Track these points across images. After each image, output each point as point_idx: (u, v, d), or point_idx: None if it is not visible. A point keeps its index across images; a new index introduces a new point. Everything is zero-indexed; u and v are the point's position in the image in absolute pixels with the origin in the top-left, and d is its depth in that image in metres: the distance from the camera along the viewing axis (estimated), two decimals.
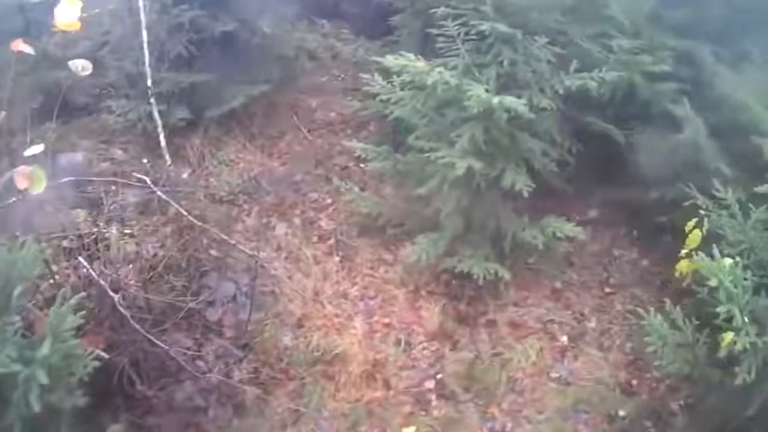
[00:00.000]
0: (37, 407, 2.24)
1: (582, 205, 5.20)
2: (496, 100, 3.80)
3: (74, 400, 2.64)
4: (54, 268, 3.63)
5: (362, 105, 5.39)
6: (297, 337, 4.31)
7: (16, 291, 2.36)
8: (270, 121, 5.82)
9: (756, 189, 3.73)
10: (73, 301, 2.59)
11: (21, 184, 2.83)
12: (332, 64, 6.25)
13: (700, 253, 3.29)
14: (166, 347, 3.66)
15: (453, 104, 4.31)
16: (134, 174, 4.76)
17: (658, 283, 4.70)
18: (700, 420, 3.77)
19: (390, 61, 4.20)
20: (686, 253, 3.42)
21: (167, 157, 5.15)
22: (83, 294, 2.77)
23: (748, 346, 2.98)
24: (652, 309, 3.62)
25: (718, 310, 3.08)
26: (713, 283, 3.16)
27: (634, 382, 4.22)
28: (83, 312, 2.65)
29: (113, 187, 4.76)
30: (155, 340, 3.60)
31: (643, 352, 4.02)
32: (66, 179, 4.50)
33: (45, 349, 2.30)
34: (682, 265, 3.45)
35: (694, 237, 3.44)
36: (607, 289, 4.78)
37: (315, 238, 4.98)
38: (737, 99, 4.18)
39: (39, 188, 2.87)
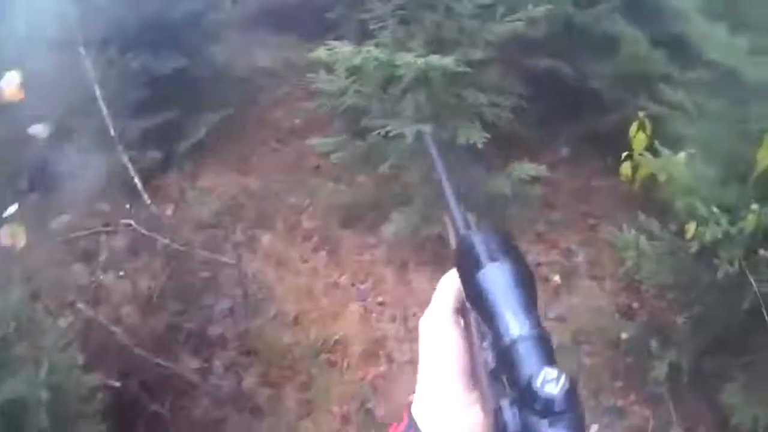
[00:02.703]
0: (45, 422, 2.42)
1: (552, 147, 5.25)
2: (421, 61, 3.89)
3: (96, 428, 2.85)
4: (61, 321, 3.77)
5: (319, 104, 5.49)
6: (296, 333, 4.42)
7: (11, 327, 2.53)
8: (239, 143, 5.93)
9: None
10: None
11: (5, 241, 3.11)
12: (289, 73, 6.34)
13: (644, 153, 3.33)
14: (174, 367, 3.83)
15: (393, 80, 4.40)
16: (120, 221, 4.97)
17: (640, 205, 4.72)
18: (702, 327, 3.68)
19: (320, 53, 4.31)
20: (628, 156, 3.45)
21: (146, 197, 5.30)
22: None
23: (720, 236, 2.98)
24: (624, 225, 3.67)
25: (677, 204, 3.12)
26: (662, 178, 3.20)
27: (635, 305, 4.28)
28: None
29: (103, 238, 4.93)
30: (163, 363, 3.78)
31: (636, 274, 4.04)
32: (57, 239, 4.75)
33: (43, 370, 2.48)
34: (625, 169, 3.47)
35: (639, 140, 3.44)
36: (591, 221, 4.83)
37: (299, 239, 5.08)
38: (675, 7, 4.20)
39: (22, 241, 3.15)
